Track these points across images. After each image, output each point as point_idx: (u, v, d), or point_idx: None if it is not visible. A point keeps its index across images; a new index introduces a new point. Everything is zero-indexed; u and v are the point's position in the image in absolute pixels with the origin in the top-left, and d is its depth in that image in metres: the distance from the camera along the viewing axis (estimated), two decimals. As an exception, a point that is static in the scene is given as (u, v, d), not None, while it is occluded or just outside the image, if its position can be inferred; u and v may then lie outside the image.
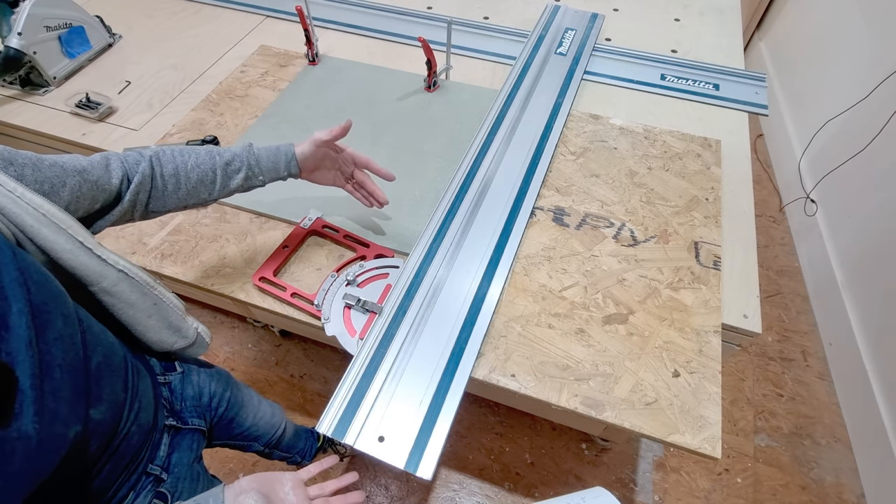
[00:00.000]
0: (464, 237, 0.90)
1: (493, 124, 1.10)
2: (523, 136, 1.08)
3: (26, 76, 1.19)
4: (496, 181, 0.99)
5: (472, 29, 1.41)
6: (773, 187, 2.05)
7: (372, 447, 0.67)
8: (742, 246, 0.93)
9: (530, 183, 0.99)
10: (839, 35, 1.80)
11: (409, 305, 0.81)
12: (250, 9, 1.47)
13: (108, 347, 0.54)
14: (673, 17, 1.49)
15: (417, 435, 0.68)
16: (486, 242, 0.89)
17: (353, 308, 0.81)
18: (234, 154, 0.71)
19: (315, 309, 0.81)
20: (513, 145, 1.06)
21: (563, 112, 1.13)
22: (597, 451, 1.37)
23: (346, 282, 0.84)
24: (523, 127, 1.10)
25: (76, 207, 0.54)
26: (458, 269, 0.86)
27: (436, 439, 0.68)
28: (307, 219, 0.93)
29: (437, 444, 0.67)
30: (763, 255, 1.83)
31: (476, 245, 0.89)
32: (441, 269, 0.85)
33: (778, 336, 1.64)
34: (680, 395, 0.73)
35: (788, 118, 2.05)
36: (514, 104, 1.15)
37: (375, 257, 0.88)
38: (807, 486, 1.34)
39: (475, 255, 0.88)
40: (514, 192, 0.97)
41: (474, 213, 0.94)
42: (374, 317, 0.80)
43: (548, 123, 1.10)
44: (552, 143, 1.06)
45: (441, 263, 0.86)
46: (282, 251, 0.88)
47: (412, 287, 0.83)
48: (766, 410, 1.47)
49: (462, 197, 0.96)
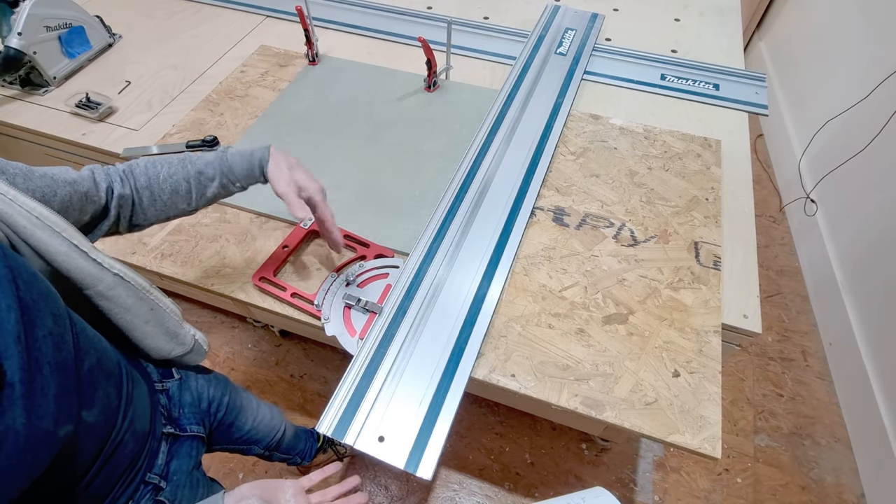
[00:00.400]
0: (464, 237, 0.90)
1: (493, 124, 1.10)
2: (523, 135, 1.08)
3: (26, 76, 1.19)
4: (496, 180, 0.99)
5: (472, 29, 1.41)
6: (773, 187, 2.05)
7: (372, 447, 0.67)
8: (742, 246, 0.93)
9: (530, 182, 0.99)
10: (839, 35, 1.80)
11: (409, 305, 0.81)
12: (250, 9, 1.47)
13: (101, 352, 0.54)
14: (673, 17, 1.49)
15: (417, 435, 0.68)
16: (487, 242, 0.89)
17: (353, 308, 0.81)
18: (206, 162, 0.69)
19: (315, 309, 0.81)
20: (513, 145, 1.06)
21: (563, 112, 1.13)
22: (597, 451, 1.37)
23: (346, 282, 0.84)
24: (523, 127, 1.10)
25: (66, 218, 0.54)
26: (459, 268, 0.86)
27: (436, 439, 0.68)
28: (307, 219, 0.92)
29: (436, 444, 0.67)
30: (763, 255, 1.83)
31: (476, 245, 0.89)
32: (441, 269, 0.85)
33: (778, 336, 1.64)
34: (680, 395, 0.73)
35: (788, 118, 2.05)
36: (514, 104, 1.15)
37: (375, 257, 0.88)
38: (807, 486, 1.34)
39: (475, 254, 0.88)
40: (514, 191, 0.97)
41: (474, 213, 0.94)
42: (374, 317, 0.80)
43: (548, 123, 1.10)
44: (552, 142, 1.06)
45: (441, 263, 0.86)
46: (282, 251, 0.88)
47: (412, 287, 0.83)
48: (766, 410, 1.47)
49: (462, 197, 0.96)
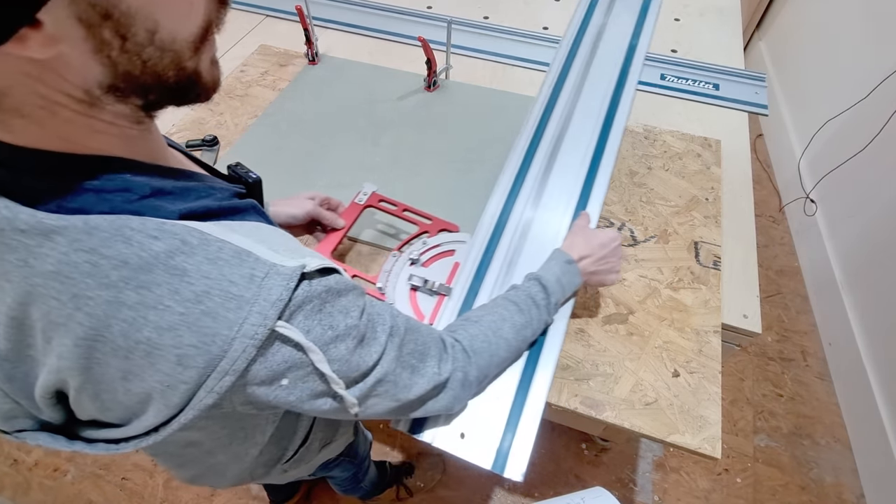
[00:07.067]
0: (538, 201, 0.79)
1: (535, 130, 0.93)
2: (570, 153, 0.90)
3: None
4: (565, 144, 0.86)
5: (472, 29, 1.41)
6: (773, 187, 2.05)
7: (453, 445, 0.60)
8: (742, 246, 0.93)
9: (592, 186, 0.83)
10: (839, 35, 1.80)
11: (481, 287, 0.72)
12: (250, 8, 1.47)
13: None
14: (673, 17, 1.49)
15: (504, 430, 0.61)
16: (563, 207, 0.79)
17: (419, 290, 0.73)
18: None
19: (378, 292, 0.74)
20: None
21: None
22: (597, 451, 1.37)
23: (410, 261, 0.76)
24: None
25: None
26: (531, 242, 0.76)
27: (524, 435, 0.60)
28: (362, 193, 0.85)
29: (525, 441, 0.60)
30: (763, 255, 1.83)
31: (550, 219, 0.78)
32: (514, 245, 0.76)
33: (778, 336, 1.64)
34: (680, 395, 0.73)
35: (788, 118, 2.05)
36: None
37: (439, 232, 0.80)
38: (806, 486, 1.34)
39: (547, 226, 0.76)
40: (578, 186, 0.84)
41: (541, 189, 0.81)
42: (444, 299, 0.71)
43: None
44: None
45: (512, 239, 0.76)
46: (337, 231, 0.81)
47: (482, 266, 0.73)
48: (766, 410, 1.47)
49: (529, 163, 0.84)
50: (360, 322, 0.39)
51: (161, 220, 0.33)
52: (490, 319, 0.59)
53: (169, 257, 0.32)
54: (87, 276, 0.30)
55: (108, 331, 0.31)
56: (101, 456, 1.39)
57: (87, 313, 0.31)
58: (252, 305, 0.32)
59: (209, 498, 1.33)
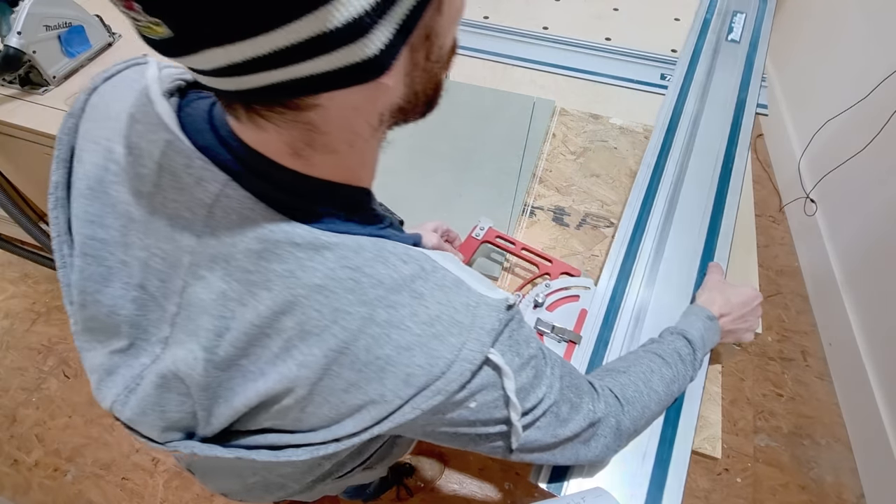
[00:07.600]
0: (659, 254, 0.81)
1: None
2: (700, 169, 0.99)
3: (26, 75, 1.19)
4: (685, 189, 0.92)
5: (472, 28, 1.41)
6: (773, 187, 2.05)
7: None
8: (742, 246, 0.93)
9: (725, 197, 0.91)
10: (839, 35, 1.80)
11: (611, 336, 0.71)
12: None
13: None
14: (673, 17, 1.49)
15: (647, 490, 0.59)
16: (691, 249, 0.82)
17: (545, 335, 0.71)
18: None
19: None
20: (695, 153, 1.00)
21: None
22: (597, 451, 1.37)
23: (534, 304, 0.73)
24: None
25: None
26: (661, 289, 0.77)
27: (670, 498, 0.59)
28: (478, 228, 0.82)
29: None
30: (763, 255, 1.83)
31: (678, 258, 0.80)
32: (642, 291, 0.77)
33: (778, 336, 1.64)
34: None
35: (788, 118, 2.05)
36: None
37: (560, 275, 0.77)
38: (806, 485, 1.34)
39: (678, 270, 0.79)
40: (709, 204, 0.90)
41: (666, 228, 0.86)
42: (574, 347, 0.70)
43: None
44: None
45: (640, 285, 0.78)
46: None
47: (609, 313, 0.73)
48: (766, 410, 1.47)
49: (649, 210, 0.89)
50: (537, 353, 0.40)
51: (406, 246, 0.35)
52: (639, 370, 0.57)
53: (412, 280, 0.33)
54: (349, 291, 0.32)
55: (355, 344, 0.32)
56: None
57: (342, 327, 0.32)
58: (469, 332, 0.33)
59: (209, 498, 1.33)
